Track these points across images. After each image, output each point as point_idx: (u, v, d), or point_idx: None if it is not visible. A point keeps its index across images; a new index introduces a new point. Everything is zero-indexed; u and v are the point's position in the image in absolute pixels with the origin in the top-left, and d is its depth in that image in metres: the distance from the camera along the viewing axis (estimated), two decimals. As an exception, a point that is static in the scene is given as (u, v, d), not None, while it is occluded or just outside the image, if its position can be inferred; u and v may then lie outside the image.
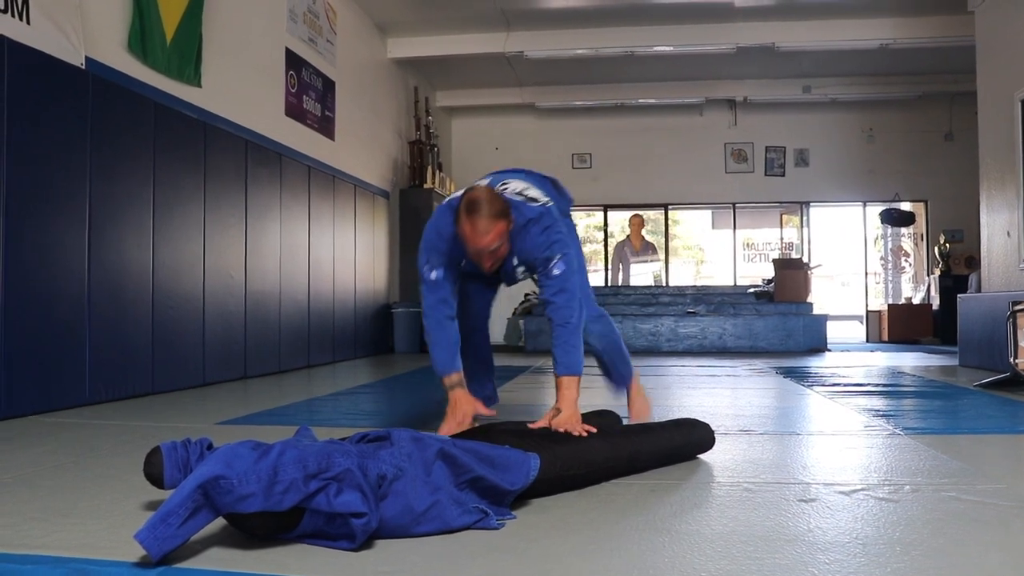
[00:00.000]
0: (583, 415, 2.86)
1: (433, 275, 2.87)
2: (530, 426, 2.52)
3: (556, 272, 2.75)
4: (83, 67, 4.38)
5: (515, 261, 2.85)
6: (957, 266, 11.94)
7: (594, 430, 2.44)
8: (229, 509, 1.62)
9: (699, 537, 1.82)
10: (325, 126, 8.11)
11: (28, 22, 3.99)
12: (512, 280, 3.07)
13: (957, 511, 2.03)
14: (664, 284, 13.09)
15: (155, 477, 1.92)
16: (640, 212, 13.44)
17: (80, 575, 1.55)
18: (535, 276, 2.88)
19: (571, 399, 2.63)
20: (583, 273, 3.11)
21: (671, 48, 10.17)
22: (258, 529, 1.70)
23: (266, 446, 1.72)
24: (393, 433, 1.94)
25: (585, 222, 16.05)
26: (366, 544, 1.71)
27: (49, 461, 2.78)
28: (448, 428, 2.68)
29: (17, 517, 2.00)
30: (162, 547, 1.55)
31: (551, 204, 2.97)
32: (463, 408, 2.79)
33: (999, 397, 4.67)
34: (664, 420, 2.84)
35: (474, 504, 1.89)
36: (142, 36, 4.97)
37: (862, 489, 2.28)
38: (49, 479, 2.47)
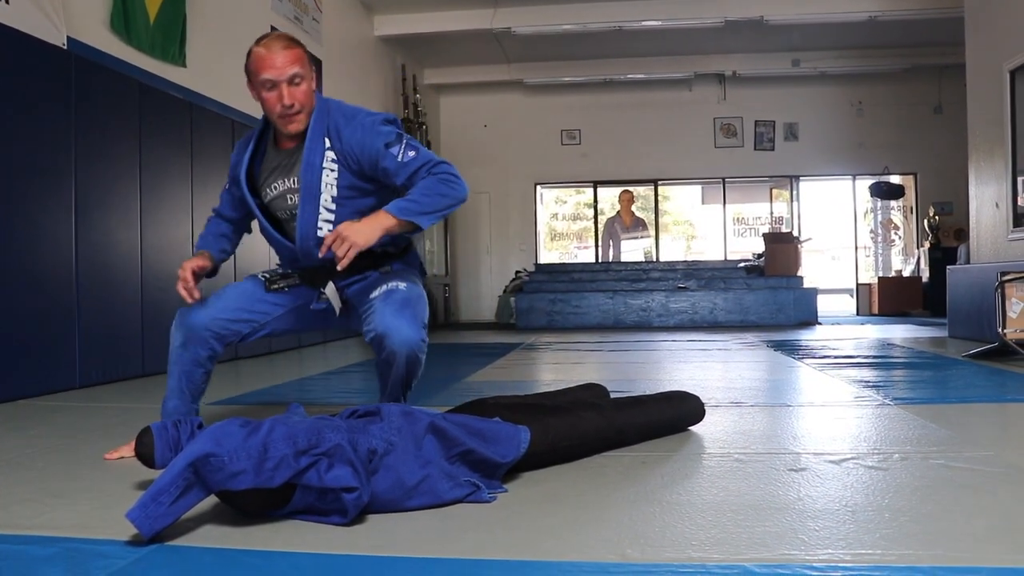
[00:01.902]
0: (569, 388, 2.87)
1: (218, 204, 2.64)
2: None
3: (412, 154, 2.28)
4: (64, 47, 4.33)
5: (327, 144, 2.32)
6: (946, 238, 11.98)
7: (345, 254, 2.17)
8: (221, 487, 1.62)
9: (690, 507, 1.83)
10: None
11: (7, 1, 3.94)
12: (310, 186, 2.34)
13: (945, 478, 2.05)
14: (655, 260, 13.12)
15: (146, 457, 1.92)
16: (630, 188, 13.43)
17: (72, 554, 1.55)
18: (362, 186, 2.37)
19: (376, 220, 2.22)
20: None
21: (659, 22, 10.13)
22: (249, 506, 1.70)
23: (255, 423, 1.72)
24: (383, 408, 1.94)
25: (575, 199, 16.03)
26: (358, 519, 1.71)
27: (40, 443, 2.77)
28: (187, 264, 2.54)
29: (9, 498, 2.00)
30: (153, 525, 1.56)
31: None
32: (198, 259, 2.55)
33: (987, 367, 4.71)
34: (655, 393, 2.84)
35: (465, 478, 1.89)
36: (125, 15, 4.91)
37: (852, 458, 2.30)
38: (40, 461, 2.47)
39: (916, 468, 2.16)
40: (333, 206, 2.35)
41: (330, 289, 2.52)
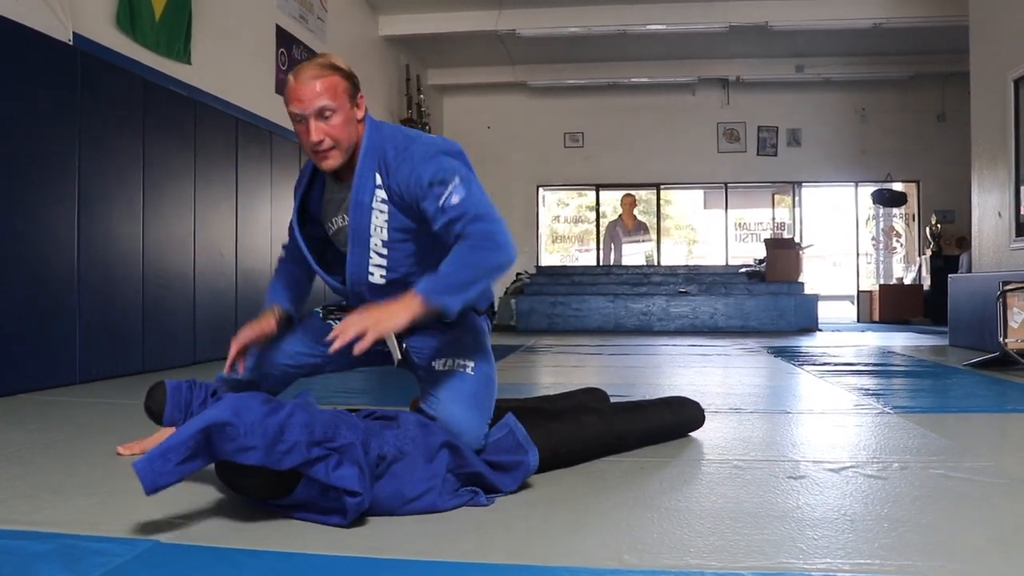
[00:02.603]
0: (570, 393, 2.87)
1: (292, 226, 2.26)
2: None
3: (455, 200, 1.92)
4: (70, 43, 4.33)
5: (377, 181, 2.02)
6: (948, 246, 11.99)
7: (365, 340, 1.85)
8: (228, 457, 1.61)
9: (688, 513, 1.83)
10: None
11: (14, -4, 3.94)
12: (360, 228, 2.04)
13: (944, 488, 2.04)
14: (656, 264, 13.11)
15: (155, 412, 1.92)
16: (632, 192, 13.44)
17: (70, 551, 1.55)
18: (410, 228, 2.04)
19: (404, 305, 1.89)
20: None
21: (664, 26, 10.13)
22: (252, 489, 1.69)
23: (277, 403, 1.70)
24: (401, 415, 1.93)
25: (577, 202, 16.02)
26: (357, 521, 1.71)
27: (40, 439, 2.77)
28: (244, 334, 2.23)
29: (7, 493, 2.00)
30: (156, 481, 1.55)
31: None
32: (262, 323, 2.25)
33: (988, 376, 4.70)
34: (655, 398, 2.84)
35: (464, 488, 1.89)
36: (131, 12, 4.92)
37: (851, 466, 2.29)
38: (40, 456, 2.47)
39: (915, 477, 2.15)
40: (384, 250, 2.06)
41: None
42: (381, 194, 2.02)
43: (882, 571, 1.44)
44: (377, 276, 2.08)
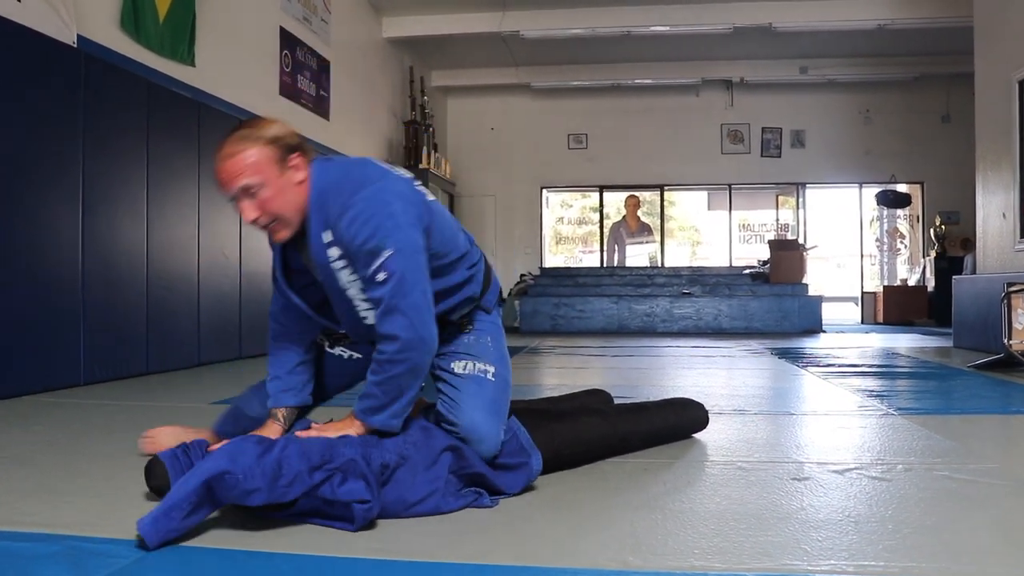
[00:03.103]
0: (574, 394, 2.87)
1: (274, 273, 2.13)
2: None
3: (381, 277, 1.80)
4: (75, 45, 4.34)
5: (327, 238, 1.86)
6: (953, 248, 11.96)
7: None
8: (234, 503, 1.62)
9: (692, 515, 1.82)
10: (320, 106, 8.07)
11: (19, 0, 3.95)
12: (333, 285, 1.92)
13: (949, 490, 2.04)
14: (660, 265, 13.10)
15: (161, 489, 1.88)
16: (636, 193, 13.44)
17: (75, 552, 1.56)
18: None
19: (348, 427, 1.90)
20: None
21: (668, 28, 10.13)
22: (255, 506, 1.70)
23: (270, 442, 1.71)
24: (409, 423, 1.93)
25: (580, 203, 16.02)
26: (367, 525, 1.71)
27: (44, 440, 2.78)
28: None
29: (13, 495, 2.00)
30: (162, 538, 1.55)
31: (419, 189, 1.96)
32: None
33: (993, 378, 4.69)
34: (658, 400, 2.84)
35: (467, 488, 1.89)
36: (135, 14, 4.93)
37: (855, 468, 2.29)
38: (45, 457, 2.47)
39: (920, 479, 2.15)
40: (365, 296, 1.89)
41: None
42: (335, 252, 1.86)
43: (886, 573, 1.44)
44: (372, 318, 1.90)
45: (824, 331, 10.14)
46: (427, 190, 2.02)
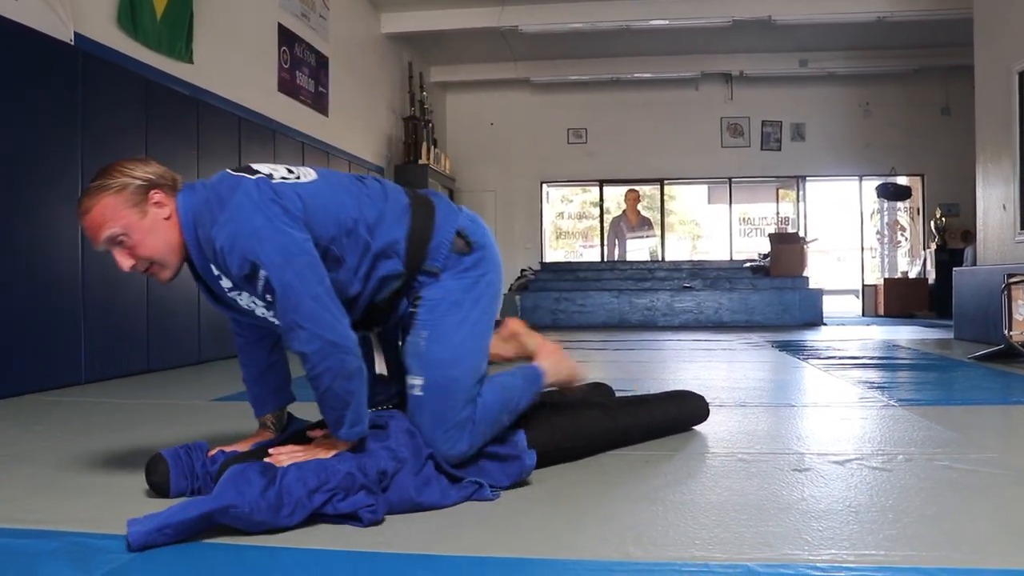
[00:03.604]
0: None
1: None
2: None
3: (268, 298, 1.77)
4: (72, 43, 4.33)
5: (215, 271, 1.81)
6: (953, 240, 11.95)
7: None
8: (238, 529, 1.63)
9: (693, 506, 1.83)
10: (319, 102, 8.06)
11: (16, -3, 3.95)
12: (239, 311, 1.93)
13: (949, 480, 2.04)
14: (660, 259, 13.10)
15: (160, 486, 1.90)
16: (636, 187, 13.43)
17: (75, 549, 1.56)
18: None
19: (342, 445, 1.85)
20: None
21: (667, 21, 10.11)
22: None
23: (273, 471, 1.70)
24: (391, 424, 1.92)
25: (581, 198, 16.02)
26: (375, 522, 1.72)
27: (45, 438, 2.78)
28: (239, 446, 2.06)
29: (14, 492, 2.01)
30: (144, 545, 1.54)
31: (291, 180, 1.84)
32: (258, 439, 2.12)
33: (993, 369, 4.69)
34: (659, 392, 2.84)
35: (467, 480, 1.90)
36: (132, 12, 4.92)
37: (856, 459, 2.29)
38: (45, 455, 2.47)
39: (920, 469, 2.15)
40: (272, 312, 1.82)
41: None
42: (227, 283, 1.81)
43: (887, 562, 1.44)
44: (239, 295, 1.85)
45: (825, 324, 10.14)
46: (295, 174, 1.87)
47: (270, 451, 1.84)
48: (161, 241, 1.81)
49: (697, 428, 2.76)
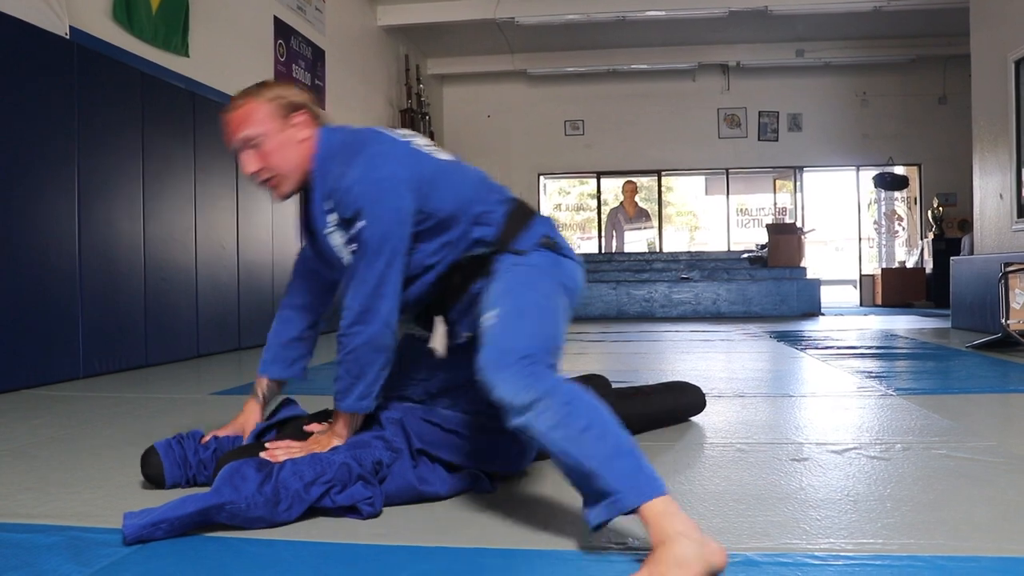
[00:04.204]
0: (571, 379, 2.86)
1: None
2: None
3: (353, 247, 1.80)
4: (67, 37, 4.32)
5: (327, 205, 1.84)
6: (950, 229, 11.96)
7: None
8: (236, 525, 1.63)
9: (692, 496, 1.83)
10: (315, 95, 8.03)
11: (10, -9, 3.93)
12: (329, 252, 1.89)
13: (947, 468, 2.05)
14: (658, 250, 13.10)
15: (155, 478, 1.91)
16: (633, 179, 13.41)
17: (75, 543, 1.56)
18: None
19: (332, 437, 1.86)
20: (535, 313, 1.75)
21: (663, 12, 10.08)
22: None
23: (269, 467, 1.71)
24: (382, 417, 1.92)
25: (578, 189, 16.01)
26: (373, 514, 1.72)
27: (44, 433, 2.78)
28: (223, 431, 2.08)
29: (14, 487, 2.01)
30: (139, 539, 1.55)
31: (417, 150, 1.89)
32: (245, 419, 2.13)
33: (990, 358, 4.70)
34: (656, 383, 2.84)
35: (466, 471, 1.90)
36: (127, 5, 4.91)
37: (854, 448, 2.30)
38: (45, 450, 2.48)
39: (918, 458, 2.16)
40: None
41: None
42: (333, 218, 1.83)
43: (885, 550, 1.45)
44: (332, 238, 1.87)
45: (823, 314, 10.15)
46: (435, 148, 1.96)
47: (267, 446, 1.83)
48: (291, 157, 1.89)
49: (695, 419, 2.76)
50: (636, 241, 13.42)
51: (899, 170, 12.85)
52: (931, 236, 12.06)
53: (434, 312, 1.97)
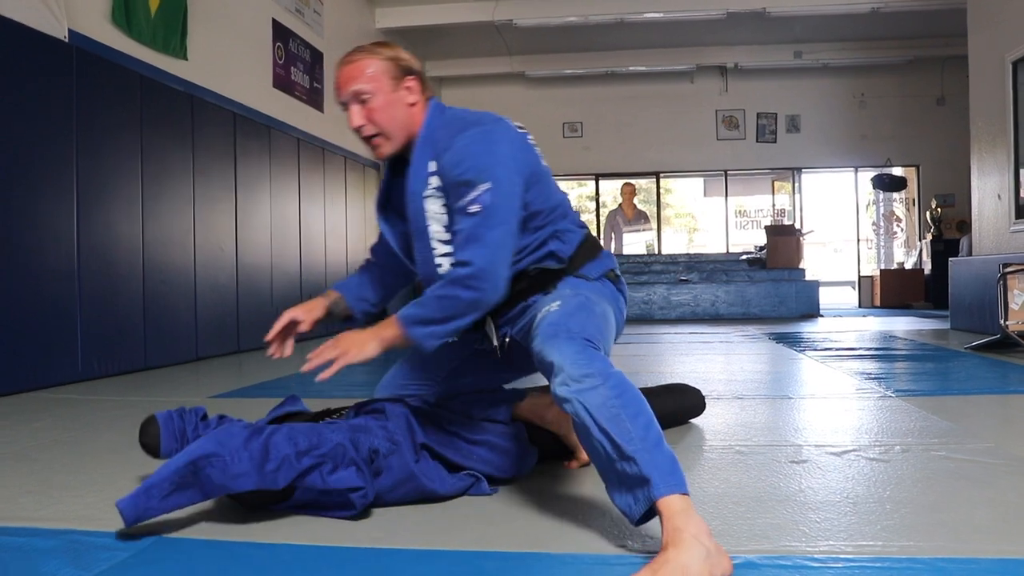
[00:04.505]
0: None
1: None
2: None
3: (473, 209, 1.79)
4: (66, 40, 4.32)
5: (431, 167, 1.88)
6: (949, 230, 11.96)
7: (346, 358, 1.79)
8: (223, 490, 1.61)
9: (691, 499, 1.82)
10: (314, 98, 8.04)
11: (8, -6, 3.93)
12: (419, 221, 1.92)
13: (946, 469, 2.05)
14: (656, 252, 13.09)
15: (151, 447, 1.93)
16: (632, 181, 13.40)
17: (75, 546, 1.56)
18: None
19: (379, 331, 1.84)
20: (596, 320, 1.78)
21: (661, 14, 10.09)
22: (251, 499, 1.70)
23: (257, 426, 1.73)
24: (388, 408, 1.93)
25: (577, 191, 16.00)
26: (363, 512, 1.72)
27: (44, 436, 2.78)
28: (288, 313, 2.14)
29: (14, 490, 2.01)
30: (139, 516, 1.56)
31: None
32: (311, 305, 2.18)
33: (989, 359, 4.70)
34: (655, 386, 2.84)
35: (465, 472, 1.90)
36: (126, 8, 4.91)
37: (853, 450, 2.30)
38: (44, 453, 2.47)
39: (917, 460, 2.16)
40: (448, 236, 1.88)
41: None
42: (435, 181, 1.87)
43: (884, 552, 1.45)
44: (446, 267, 1.88)
45: (822, 315, 10.15)
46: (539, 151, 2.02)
47: (308, 357, 1.79)
48: (397, 118, 1.92)
49: (694, 421, 2.76)
50: (635, 243, 13.40)
51: (897, 171, 12.86)
52: (929, 237, 12.07)
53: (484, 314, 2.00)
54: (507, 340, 2.02)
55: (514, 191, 1.83)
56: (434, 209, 1.89)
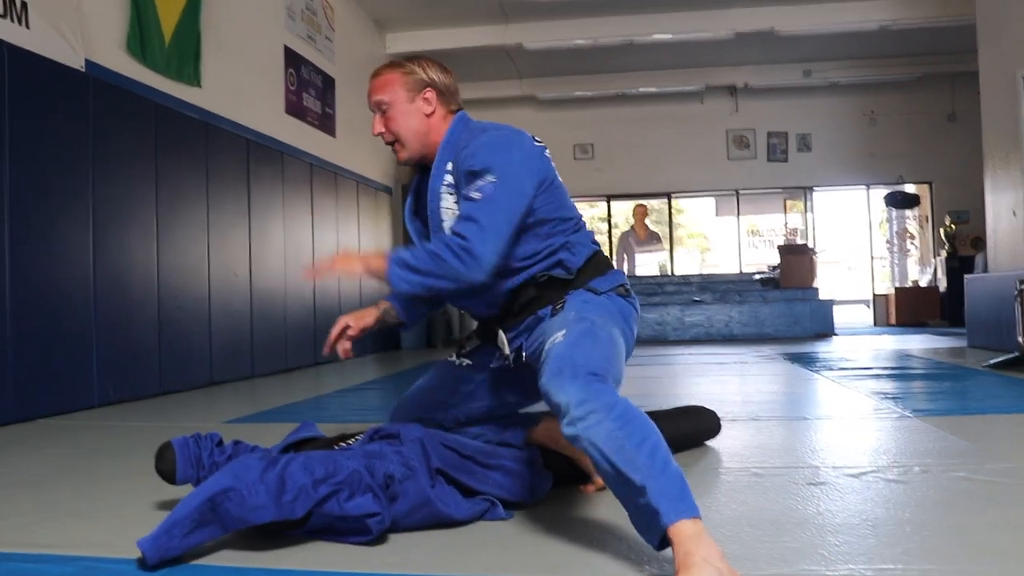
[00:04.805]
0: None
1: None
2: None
3: (476, 195, 1.87)
4: (83, 70, 4.38)
5: (448, 167, 2.03)
6: (963, 247, 11.89)
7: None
8: (242, 523, 1.61)
9: (707, 522, 1.80)
10: (326, 123, 8.11)
11: (27, 26, 3.99)
12: (435, 218, 2.05)
13: (967, 491, 2.02)
14: (669, 273, 13.07)
15: (167, 473, 1.93)
16: (644, 201, 13.41)
17: (88, 573, 1.56)
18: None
19: (371, 264, 1.93)
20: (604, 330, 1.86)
21: (670, 36, 10.14)
22: (268, 525, 1.70)
23: (272, 456, 1.72)
24: (402, 431, 1.93)
25: (588, 213, 16.01)
26: (380, 538, 1.71)
27: (58, 462, 2.79)
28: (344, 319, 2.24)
29: (28, 517, 2.01)
30: (162, 556, 1.55)
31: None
32: (365, 312, 2.29)
33: (1007, 377, 4.65)
34: (671, 408, 2.82)
35: (481, 497, 1.89)
36: (140, 37, 4.97)
37: (871, 471, 2.27)
38: (59, 480, 2.48)
39: (937, 481, 2.13)
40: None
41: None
42: (450, 178, 2.03)
43: (906, 576, 1.43)
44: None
45: (836, 334, 10.09)
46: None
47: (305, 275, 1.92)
48: (413, 125, 2.09)
49: (710, 443, 2.74)
50: (647, 264, 13.39)
51: (910, 188, 12.82)
52: (944, 254, 12.00)
53: (495, 326, 2.12)
54: (523, 355, 2.06)
55: (520, 189, 1.92)
56: (448, 205, 2.03)
